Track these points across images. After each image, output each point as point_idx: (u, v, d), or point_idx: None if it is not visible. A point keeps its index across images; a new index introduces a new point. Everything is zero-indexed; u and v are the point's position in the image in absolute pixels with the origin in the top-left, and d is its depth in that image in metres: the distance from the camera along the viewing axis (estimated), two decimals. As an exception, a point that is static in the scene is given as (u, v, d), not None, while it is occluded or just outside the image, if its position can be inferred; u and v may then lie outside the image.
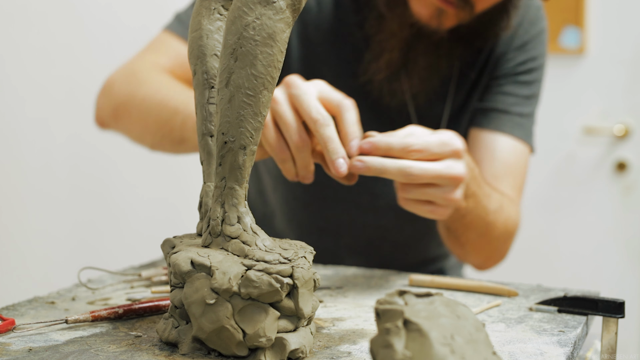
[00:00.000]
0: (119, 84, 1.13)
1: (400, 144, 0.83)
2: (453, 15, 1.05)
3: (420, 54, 1.11)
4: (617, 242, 2.17)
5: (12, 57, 2.13)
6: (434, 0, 1.04)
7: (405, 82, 1.13)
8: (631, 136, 2.14)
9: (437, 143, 0.85)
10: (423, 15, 1.06)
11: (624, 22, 2.11)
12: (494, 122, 1.17)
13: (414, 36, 1.09)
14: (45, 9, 2.19)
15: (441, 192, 0.86)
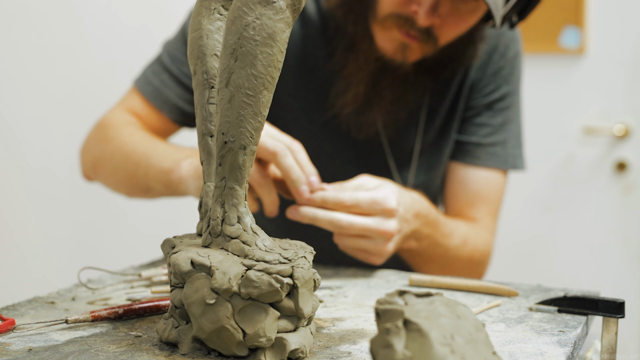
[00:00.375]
0: (93, 142, 1.20)
1: (334, 198, 0.93)
2: (417, 49, 1.07)
3: (387, 88, 1.13)
4: (617, 242, 2.17)
5: (13, 57, 2.13)
6: (398, 36, 1.05)
7: (372, 116, 1.15)
8: (631, 136, 2.14)
9: (368, 201, 0.93)
10: (388, 50, 1.08)
11: (624, 22, 2.11)
12: (468, 156, 1.22)
13: (379, 70, 1.11)
14: (45, 9, 2.19)
15: (372, 244, 0.95)
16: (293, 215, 0.94)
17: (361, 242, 0.95)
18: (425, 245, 1.06)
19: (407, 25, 1.03)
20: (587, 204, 2.19)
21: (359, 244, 0.96)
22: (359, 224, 0.93)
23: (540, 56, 2.19)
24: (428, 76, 1.15)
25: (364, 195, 0.94)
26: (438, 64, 1.13)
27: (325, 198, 0.94)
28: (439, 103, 1.20)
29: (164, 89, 1.19)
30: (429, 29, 1.04)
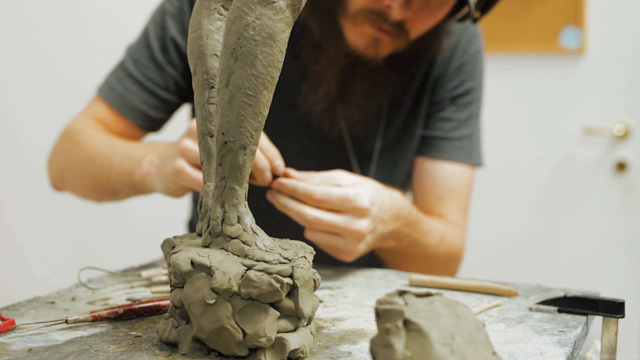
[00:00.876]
0: (58, 151, 1.20)
1: (304, 190, 0.91)
2: (389, 43, 1.07)
3: (358, 83, 1.13)
4: (617, 242, 2.17)
5: (14, 57, 2.13)
6: (369, 30, 1.05)
7: (344, 111, 1.15)
8: (631, 136, 2.14)
9: (340, 197, 0.91)
10: (359, 45, 1.08)
11: (624, 22, 2.11)
12: (435, 150, 1.22)
13: (350, 66, 1.11)
14: (45, 9, 2.19)
15: (342, 242, 0.93)
16: (271, 199, 0.94)
17: (331, 239, 0.94)
18: (404, 244, 1.06)
19: (380, 19, 1.03)
20: (587, 204, 2.19)
21: (329, 240, 0.94)
22: (327, 221, 0.92)
23: (540, 56, 2.19)
24: (396, 71, 1.15)
25: (336, 191, 0.92)
26: (406, 58, 1.14)
27: (295, 188, 0.92)
28: (403, 98, 1.20)
29: (128, 95, 1.18)
30: (401, 22, 1.04)
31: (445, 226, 1.16)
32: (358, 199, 0.92)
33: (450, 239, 1.16)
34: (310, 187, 0.92)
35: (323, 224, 0.92)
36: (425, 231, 1.09)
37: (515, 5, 2.17)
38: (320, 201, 0.91)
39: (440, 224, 1.15)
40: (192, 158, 0.91)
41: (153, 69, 1.18)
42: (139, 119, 1.19)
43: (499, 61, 2.22)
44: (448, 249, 1.15)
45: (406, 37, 1.07)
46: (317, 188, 0.92)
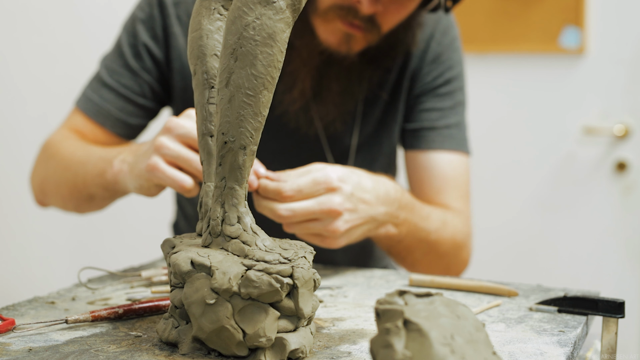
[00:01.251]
0: (38, 165, 1.19)
1: (274, 188, 0.90)
2: (361, 38, 1.06)
3: (333, 80, 1.12)
4: (617, 242, 2.17)
5: (14, 57, 2.12)
6: (341, 27, 1.05)
7: (321, 110, 1.15)
8: (631, 136, 2.14)
9: (309, 184, 0.91)
10: (332, 42, 1.07)
11: (623, 22, 2.11)
12: (424, 141, 1.20)
13: (324, 63, 1.10)
14: (46, 9, 2.19)
15: (321, 225, 0.92)
16: None
17: (309, 226, 0.92)
18: (405, 230, 1.04)
19: (350, 15, 1.03)
20: (587, 204, 2.19)
21: (308, 228, 0.92)
22: (300, 209, 0.90)
23: (540, 56, 2.19)
24: (371, 66, 1.14)
25: (305, 180, 0.91)
26: (380, 52, 1.13)
27: (266, 188, 0.91)
28: (379, 94, 1.19)
29: (105, 104, 1.17)
30: (372, 17, 1.04)
31: (444, 212, 1.14)
32: (326, 178, 0.91)
33: (452, 223, 1.13)
34: (280, 184, 0.90)
35: (297, 214, 0.90)
36: (424, 215, 1.07)
37: (515, 5, 2.17)
38: (292, 196, 0.90)
39: (439, 210, 1.13)
40: (168, 155, 0.89)
41: (127, 76, 1.18)
42: (116, 127, 1.19)
43: (499, 61, 2.22)
44: (452, 234, 1.13)
45: (378, 31, 1.06)
46: (286, 184, 0.90)
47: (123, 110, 1.18)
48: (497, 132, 2.21)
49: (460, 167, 1.21)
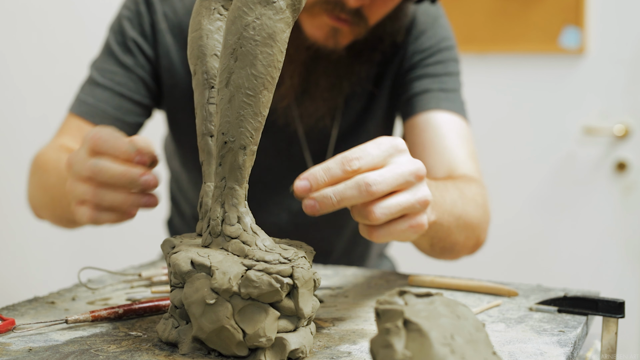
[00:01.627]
0: (30, 178, 1.14)
1: (337, 160, 0.69)
2: (348, 32, 1.05)
3: (321, 76, 1.10)
4: (617, 242, 2.17)
5: (14, 57, 2.13)
6: (327, 21, 1.03)
7: (310, 106, 1.13)
8: (631, 136, 2.14)
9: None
10: (318, 37, 1.06)
11: (623, 22, 2.11)
12: (419, 104, 1.13)
13: (311, 59, 1.08)
14: (46, 9, 2.19)
15: (411, 194, 0.72)
16: (312, 209, 0.68)
17: (398, 199, 0.70)
18: (439, 211, 0.85)
19: (337, 9, 1.01)
20: (587, 204, 2.19)
21: (397, 202, 0.70)
22: (388, 173, 0.69)
23: (540, 56, 2.19)
24: (359, 59, 1.12)
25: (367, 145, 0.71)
26: (368, 45, 1.11)
27: (327, 165, 0.69)
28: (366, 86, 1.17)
29: (100, 104, 1.14)
30: (359, 10, 1.02)
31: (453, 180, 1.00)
32: (416, 166, 0.72)
33: (468, 188, 1.00)
34: (339, 156, 0.69)
35: (388, 179, 0.69)
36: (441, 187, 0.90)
37: (515, 5, 2.17)
38: (359, 157, 0.69)
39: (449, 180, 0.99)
40: (74, 198, 0.77)
41: (121, 74, 1.15)
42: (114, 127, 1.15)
43: (499, 61, 2.22)
44: (473, 198, 0.99)
45: (365, 24, 1.04)
46: (347, 153, 0.70)
47: (120, 109, 1.15)
48: (497, 132, 2.21)
49: (462, 128, 1.13)
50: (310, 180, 0.68)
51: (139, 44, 1.15)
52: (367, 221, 0.69)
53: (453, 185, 0.96)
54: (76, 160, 0.76)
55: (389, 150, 0.71)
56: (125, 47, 1.16)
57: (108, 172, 0.73)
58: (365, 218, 0.69)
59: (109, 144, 0.74)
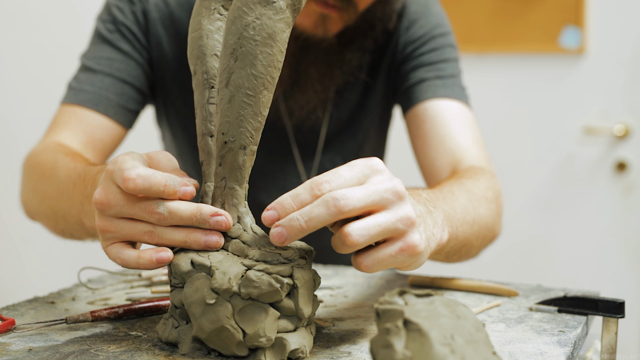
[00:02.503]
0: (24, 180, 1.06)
1: (305, 186, 0.64)
2: (338, 18, 1.01)
3: (311, 66, 1.06)
4: (617, 242, 2.17)
5: (13, 57, 2.13)
6: (315, 8, 0.99)
7: (301, 98, 1.09)
8: (631, 136, 2.14)
9: (346, 168, 0.65)
10: (307, 26, 1.02)
11: (623, 22, 2.11)
12: (415, 95, 1.09)
13: (301, 49, 1.04)
14: (45, 9, 2.19)
15: (391, 213, 0.64)
16: (280, 237, 0.62)
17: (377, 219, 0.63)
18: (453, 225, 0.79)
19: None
20: (587, 204, 2.19)
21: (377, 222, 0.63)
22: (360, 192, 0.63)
23: (540, 56, 2.19)
24: (350, 47, 1.07)
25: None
26: (359, 33, 1.07)
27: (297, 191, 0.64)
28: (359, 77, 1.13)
29: (102, 91, 1.07)
30: None
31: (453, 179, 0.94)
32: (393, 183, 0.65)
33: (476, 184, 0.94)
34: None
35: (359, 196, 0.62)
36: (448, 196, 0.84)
37: (515, 5, 2.17)
38: (329, 181, 0.64)
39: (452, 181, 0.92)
40: (114, 239, 0.69)
41: (120, 59, 1.09)
42: (119, 115, 1.08)
43: (499, 61, 2.22)
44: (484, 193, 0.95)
45: (355, 10, 1.01)
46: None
47: (122, 96, 1.08)
48: (497, 132, 2.21)
49: (462, 114, 1.08)
50: (278, 208, 0.63)
51: (133, 31, 1.10)
52: (345, 247, 0.62)
53: (460, 188, 0.90)
54: (116, 203, 0.66)
55: (364, 171, 0.65)
56: (120, 34, 1.10)
57: (177, 215, 0.65)
58: (344, 243, 0.62)
59: (153, 183, 0.65)
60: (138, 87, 1.10)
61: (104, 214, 0.68)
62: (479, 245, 0.95)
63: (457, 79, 1.13)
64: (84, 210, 0.80)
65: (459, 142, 1.05)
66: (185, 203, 0.66)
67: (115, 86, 1.08)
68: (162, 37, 1.11)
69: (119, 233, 0.68)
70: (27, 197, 1.05)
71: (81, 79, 1.09)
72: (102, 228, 0.68)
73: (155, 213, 0.65)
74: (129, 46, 1.10)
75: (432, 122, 1.07)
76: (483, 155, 1.07)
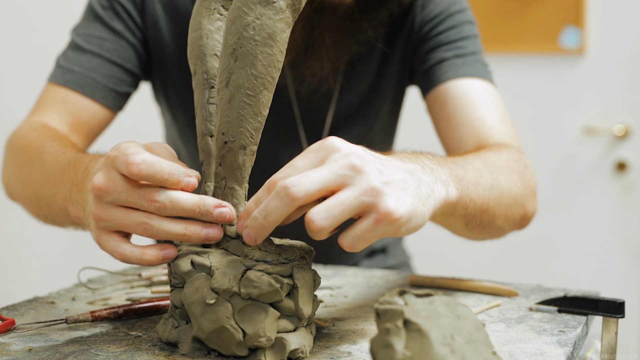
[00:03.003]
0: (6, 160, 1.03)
1: (263, 187, 0.64)
2: None
3: (326, 31, 1.00)
4: (617, 242, 2.17)
5: (13, 57, 2.12)
6: None
7: (313, 64, 1.03)
8: (631, 136, 2.14)
9: (299, 158, 0.64)
10: None
11: (623, 22, 2.11)
12: (436, 76, 1.06)
13: (316, 12, 0.99)
14: (45, 9, 2.19)
15: (353, 189, 0.61)
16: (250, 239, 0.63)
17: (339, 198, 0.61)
18: (461, 187, 0.76)
19: None
20: (587, 204, 2.19)
21: (339, 201, 0.61)
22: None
23: (540, 56, 2.19)
24: (366, 16, 1.02)
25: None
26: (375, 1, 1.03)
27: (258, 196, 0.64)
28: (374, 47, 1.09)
29: (90, 72, 1.04)
30: None
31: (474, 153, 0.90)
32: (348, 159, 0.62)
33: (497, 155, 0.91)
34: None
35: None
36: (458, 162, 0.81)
37: (515, 5, 2.17)
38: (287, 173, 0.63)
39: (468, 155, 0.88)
40: (107, 227, 0.67)
41: (111, 39, 1.05)
42: (107, 99, 1.05)
43: (499, 61, 2.22)
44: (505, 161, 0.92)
45: None
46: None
47: (111, 78, 1.05)
48: (497, 132, 2.21)
49: (487, 92, 1.05)
50: (243, 214, 0.64)
51: (128, 9, 1.07)
52: (313, 232, 0.61)
53: (475, 156, 0.87)
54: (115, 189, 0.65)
55: (318, 155, 0.63)
56: (114, 11, 1.06)
57: (179, 204, 0.64)
58: (310, 230, 0.60)
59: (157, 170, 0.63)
60: (129, 69, 1.07)
61: (101, 200, 0.66)
62: (504, 216, 0.90)
63: (477, 56, 1.09)
64: (71, 198, 0.77)
65: (485, 121, 1.02)
66: (187, 193, 0.64)
67: (104, 67, 1.05)
68: (160, 17, 1.08)
69: (112, 222, 0.66)
70: (9, 178, 1.02)
71: (70, 58, 1.06)
72: (96, 215, 0.66)
73: (155, 201, 0.63)
74: (121, 25, 1.06)
75: (456, 102, 1.03)
76: (511, 133, 1.04)
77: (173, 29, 1.08)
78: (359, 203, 0.61)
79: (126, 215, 0.65)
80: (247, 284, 0.62)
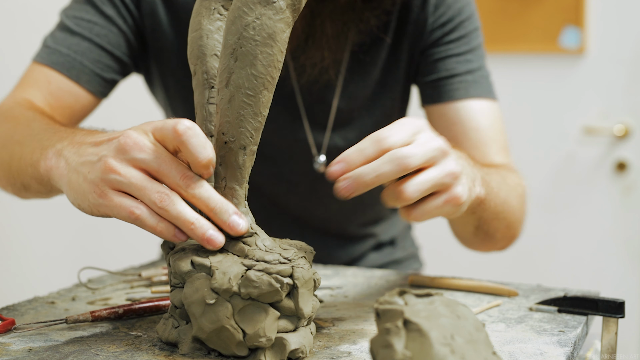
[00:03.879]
0: None
1: (370, 140, 0.68)
2: None
3: (327, 20, 0.99)
4: (617, 242, 2.17)
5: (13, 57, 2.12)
6: None
7: (314, 55, 1.02)
8: (631, 136, 2.14)
9: (398, 126, 0.70)
10: None
11: (624, 22, 2.11)
12: (447, 91, 1.08)
13: (317, 0, 0.98)
14: (45, 9, 2.19)
15: (439, 169, 0.70)
16: (346, 190, 0.66)
17: (428, 175, 0.69)
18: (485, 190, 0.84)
19: None
20: (587, 204, 2.19)
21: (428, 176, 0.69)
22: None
23: (540, 56, 2.19)
24: (369, 5, 1.01)
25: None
26: None
27: (361, 145, 0.68)
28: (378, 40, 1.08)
29: (77, 55, 1.01)
30: None
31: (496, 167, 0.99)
32: (438, 141, 0.71)
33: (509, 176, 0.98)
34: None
35: (418, 151, 0.68)
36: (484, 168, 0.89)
37: (515, 5, 2.17)
38: (387, 136, 0.68)
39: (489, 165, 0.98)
40: (116, 183, 0.64)
41: (102, 24, 1.03)
42: (92, 84, 1.03)
43: (499, 61, 2.22)
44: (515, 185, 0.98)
45: None
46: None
47: (98, 63, 1.02)
48: (497, 132, 2.21)
49: (493, 115, 1.09)
50: (346, 162, 0.67)
51: None
52: (400, 201, 0.68)
53: (496, 171, 0.96)
54: (149, 149, 0.64)
55: (413, 130, 0.70)
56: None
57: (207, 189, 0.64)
58: (398, 198, 0.68)
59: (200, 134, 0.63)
60: (117, 56, 1.04)
61: (125, 154, 0.63)
62: (503, 232, 0.98)
63: (484, 70, 1.11)
64: (55, 148, 0.73)
65: (490, 149, 1.07)
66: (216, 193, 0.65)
67: (92, 52, 1.02)
68: (157, 5, 1.05)
69: (126, 178, 0.63)
70: None
71: (58, 39, 1.03)
72: (110, 167, 0.63)
73: (187, 177, 0.63)
74: (113, 11, 1.04)
75: (464, 126, 1.07)
76: (512, 161, 1.09)
77: (172, 17, 1.06)
78: (441, 182, 0.70)
79: (146, 179, 0.63)
80: (247, 284, 0.62)
